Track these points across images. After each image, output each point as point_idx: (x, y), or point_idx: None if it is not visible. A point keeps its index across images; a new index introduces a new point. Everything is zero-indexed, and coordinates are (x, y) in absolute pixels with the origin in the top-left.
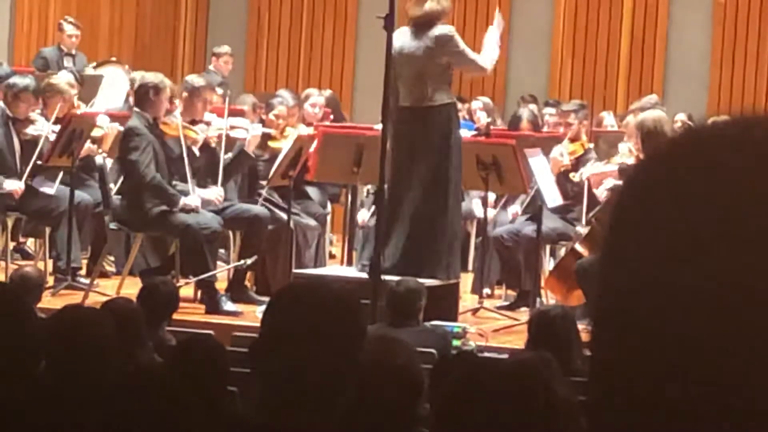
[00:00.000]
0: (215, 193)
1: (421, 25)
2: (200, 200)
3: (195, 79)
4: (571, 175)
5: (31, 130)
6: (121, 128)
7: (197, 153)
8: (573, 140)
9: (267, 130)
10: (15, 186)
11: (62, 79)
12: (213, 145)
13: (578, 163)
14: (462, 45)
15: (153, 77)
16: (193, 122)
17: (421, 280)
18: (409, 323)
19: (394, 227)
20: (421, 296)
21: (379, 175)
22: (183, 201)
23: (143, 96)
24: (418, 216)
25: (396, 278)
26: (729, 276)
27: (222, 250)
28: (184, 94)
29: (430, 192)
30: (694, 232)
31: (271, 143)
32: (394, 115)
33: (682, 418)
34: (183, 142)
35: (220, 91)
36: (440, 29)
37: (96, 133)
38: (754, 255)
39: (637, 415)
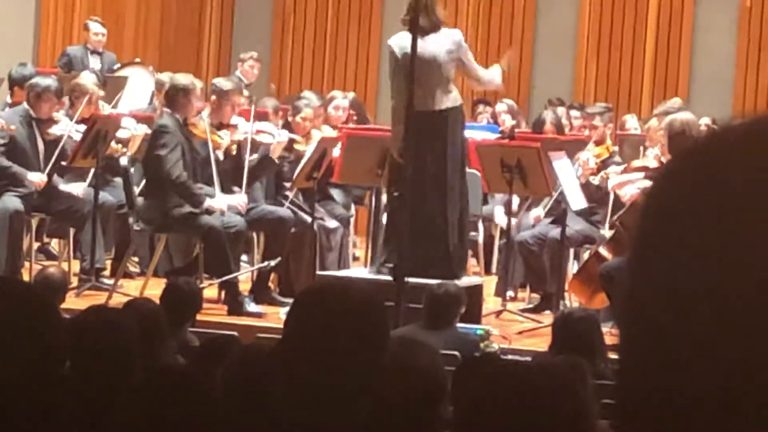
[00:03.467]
0: (239, 199)
1: (430, 30)
2: (225, 204)
3: (224, 83)
4: (591, 178)
5: (54, 130)
6: (148, 131)
7: (221, 157)
8: (598, 143)
9: (293, 137)
10: (37, 178)
11: (88, 79)
12: (234, 153)
13: (603, 166)
14: (469, 53)
15: (183, 78)
16: (221, 126)
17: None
18: (443, 327)
19: (410, 228)
20: (460, 302)
21: (396, 178)
22: (208, 202)
23: (173, 97)
24: (434, 217)
25: (432, 281)
26: (760, 272)
27: (245, 256)
28: (213, 97)
29: (447, 193)
30: (723, 233)
31: (296, 146)
32: (410, 119)
33: (717, 427)
34: (210, 145)
35: (246, 93)
36: (456, 33)
37: (123, 134)
38: None
39: (668, 423)
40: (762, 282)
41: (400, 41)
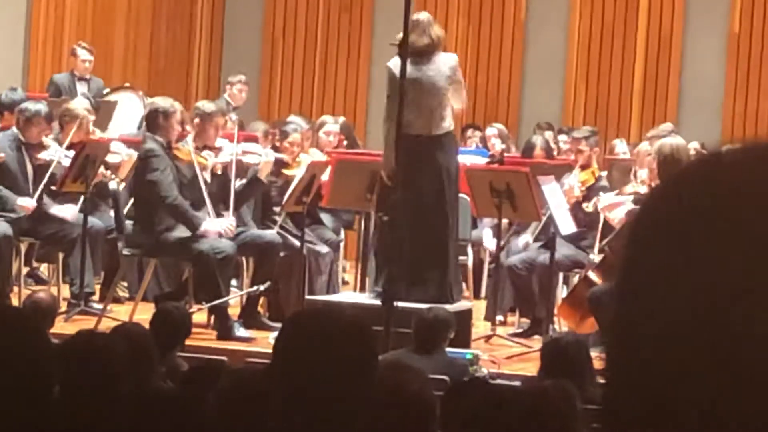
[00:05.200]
0: (227, 223)
1: (427, 53)
2: (220, 226)
3: (206, 105)
4: (584, 205)
5: (43, 155)
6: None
7: (208, 179)
8: (584, 167)
9: (280, 156)
10: (27, 203)
11: (79, 104)
12: (219, 172)
13: (590, 192)
14: (461, 78)
15: (162, 101)
16: (205, 148)
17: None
18: (432, 351)
19: (404, 253)
20: (449, 326)
21: (384, 201)
22: (204, 226)
23: (153, 120)
24: (427, 241)
25: (424, 305)
26: (746, 298)
27: (234, 281)
28: (196, 120)
29: (440, 217)
30: (711, 257)
31: (285, 170)
32: (401, 143)
33: None
34: (197, 167)
35: (234, 117)
36: (452, 57)
37: (113, 159)
38: None
39: None
40: (749, 307)
41: (399, 64)
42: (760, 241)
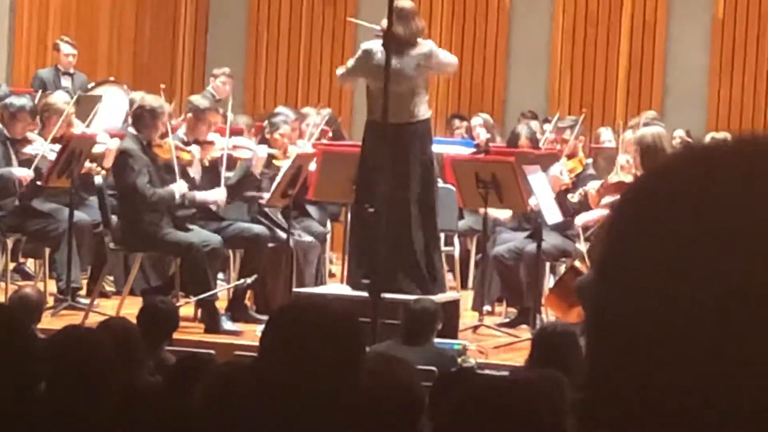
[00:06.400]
0: (217, 194)
1: (406, 43)
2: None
3: (200, 100)
4: (569, 196)
5: (29, 150)
6: None
7: (192, 174)
8: (570, 157)
9: (272, 151)
10: (24, 173)
11: (59, 98)
12: (207, 164)
13: (578, 180)
14: (440, 53)
15: (153, 100)
16: (197, 142)
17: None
18: (421, 343)
19: (385, 243)
20: (437, 317)
21: (359, 191)
22: (176, 191)
23: (140, 118)
24: (409, 231)
25: (410, 296)
26: (725, 290)
27: (221, 274)
28: (189, 114)
29: (421, 207)
30: (690, 247)
31: (275, 161)
32: (378, 131)
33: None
34: (176, 164)
35: (222, 111)
36: (427, 45)
37: (98, 149)
38: (751, 271)
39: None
40: (729, 296)
41: (376, 50)
42: (741, 232)
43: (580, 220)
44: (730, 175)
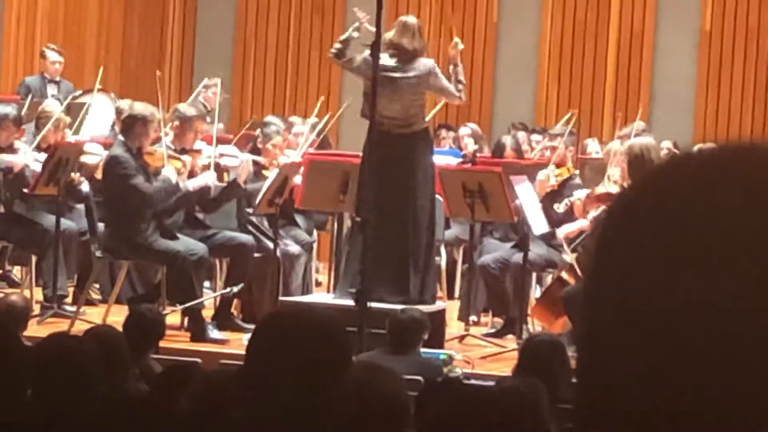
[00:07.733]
0: (207, 177)
1: (407, 56)
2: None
3: (187, 109)
4: (555, 206)
5: (12, 158)
6: None
7: (182, 184)
8: (559, 165)
9: (257, 158)
10: (17, 159)
11: (54, 106)
12: (199, 172)
13: (564, 186)
14: (442, 78)
15: (143, 108)
16: (183, 151)
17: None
18: (407, 352)
19: (377, 254)
20: (424, 327)
21: (360, 202)
22: (186, 185)
23: (131, 126)
24: (404, 241)
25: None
26: (716, 296)
27: (207, 283)
28: (176, 122)
29: (415, 216)
30: (678, 257)
31: (265, 172)
32: (375, 141)
33: None
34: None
35: (209, 119)
36: (428, 63)
37: (91, 160)
38: (738, 281)
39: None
40: (719, 304)
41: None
42: (728, 241)
43: (563, 231)
44: (718, 181)
